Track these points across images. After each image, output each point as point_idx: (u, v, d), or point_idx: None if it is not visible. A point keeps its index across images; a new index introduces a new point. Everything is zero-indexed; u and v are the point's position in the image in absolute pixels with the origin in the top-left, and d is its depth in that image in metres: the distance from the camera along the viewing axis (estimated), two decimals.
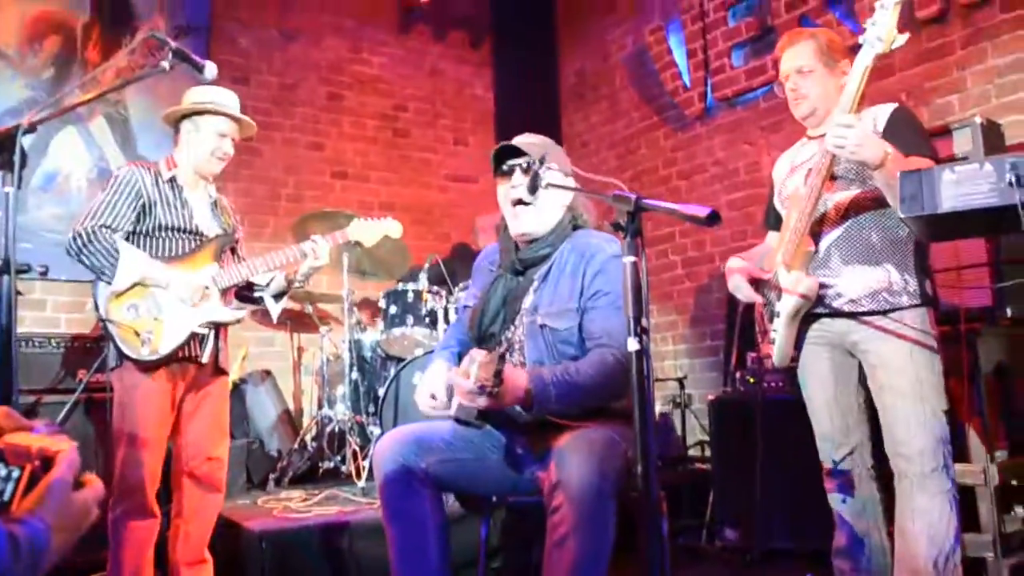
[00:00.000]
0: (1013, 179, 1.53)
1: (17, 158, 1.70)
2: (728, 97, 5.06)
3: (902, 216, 1.77)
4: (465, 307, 2.46)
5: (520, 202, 2.20)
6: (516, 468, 2.21)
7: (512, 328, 2.24)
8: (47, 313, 4.72)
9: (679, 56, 5.37)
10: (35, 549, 0.84)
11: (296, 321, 4.84)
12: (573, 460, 1.88)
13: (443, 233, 6.12)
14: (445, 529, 2.18)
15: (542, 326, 2.17)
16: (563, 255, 2.22)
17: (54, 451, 0.93)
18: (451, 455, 2.20)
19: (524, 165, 2.18)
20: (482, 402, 1.88)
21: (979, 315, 2.96)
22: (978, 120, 3.07)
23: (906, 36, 2.15)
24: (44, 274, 2.08)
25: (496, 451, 2.24)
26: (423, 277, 4.38)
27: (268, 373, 4.83)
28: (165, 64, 2.11)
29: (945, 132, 3.10)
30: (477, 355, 1.87)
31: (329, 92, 5.93)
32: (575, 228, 2.29)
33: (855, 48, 2.23)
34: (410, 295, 4.31)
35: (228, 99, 2.88)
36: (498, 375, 1.81)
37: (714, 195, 5.16)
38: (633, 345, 1.45)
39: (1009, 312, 2.97)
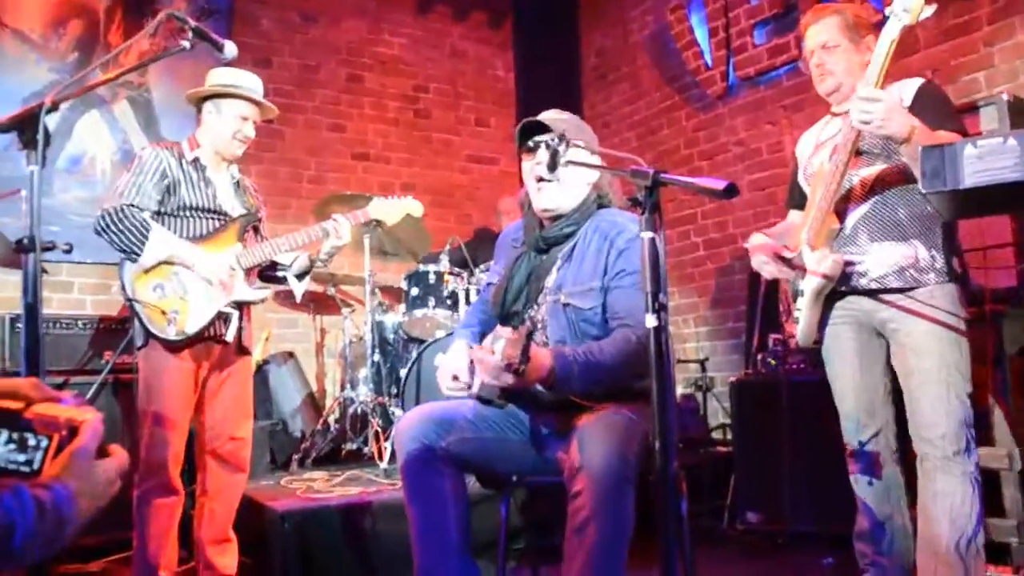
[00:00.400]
0: None
1: (41, 136, 1.71)
2: (750, 76, 5.00)
3: (923, 192, 1.74)
4: (488, 285, 2.45)
5: (543, 179, 2.18)
6: (538, 448, 2.20)
7: (535, 307, 2.23)
8: (74, 295, 4.79)
9: (700, 35, 5.30)
10: (60, 513, 0.86)
11: (319, 303, 4.86)
12: (594, 444, 1.87)
13: (464, 215, 6.12)
14: (466, 509, 2.17)
15: (565, 305, 2.15)
16: (587, 234, 2.20)
17: (80, 421, 0.95)
18: (473, 434, 2.19)
19: (548, 142, 2.14)
20: (507, 380, 1.86)
21: (1004, 296, 2.92)
22: (1005, 97, 3.02)
23: (933, 7, 2.11)
24: (68, 251, 2.09)
25: (518, 431, 2.23)
26: (444, 259, 4.39)
27: (291, 355, 4.86)
28: (185, 43, 2.09)
29: (972, 109, 3.05)
30: (503, 332, 1.86)
31: (350, 74, 5.93)
32: (600, 207, 2.27)
33: (880, 25, 2.19)
34: (431, 277, 4.31)
35: (251, 82, 2.87)
36: (525, 352, 1.80)
37: (736, 175, 5.11)
38: (651, 321, 1.44)
39: None
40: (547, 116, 2.22)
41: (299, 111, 5.68)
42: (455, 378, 2.15)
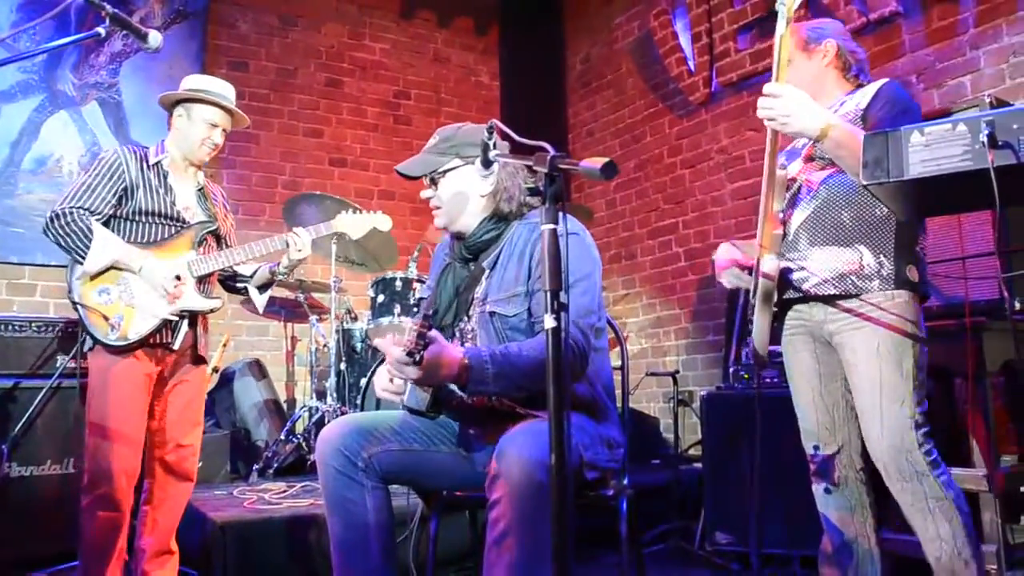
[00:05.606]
0: (986, 138, 1.32)
1: None
2: (733, 82, 4.87)
3: (864, 184, 1.57)
4: (420, 299, 2.36)
5: (434, 205, 2.17)
6: (468, 460, 2.10)
7: (466, 319, 2.15)
8: (36, 298, 4.68)
9: (684, 40, 5.19)
10: None
11: (290, 310, 4.76)
12: (514, 451, 1.74)
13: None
14: (388, 523, 2.06)
15: (491, 313, 2.06)
16: (512, 239, 2.10)
17: None
18: (398, 445, 2.09)
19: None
20: (412, 373, 1.75)
21: (985, 308, 2.76)
22: (987, 99, 2.87)
23: None
24: None
25: (448, 443, 2.13)
26: (412, 265, 4.26)
27: (257, 362, 4.73)
28: (101, 30, 2.02)
29: (948, 115, 2.91)
30: (407, 323, 1.76)
31: (328, 78, 5.83)
32: (506, 214, 2.14)
33: (862, 29, 2.07)
34: (398, 284, 4.18)
35: (223, 89, 2.83)
36: (422, 338, 1.69)
37: (719, 183, 4.98)
38: (550, 322, 1.29)
39: (1018, 305, 2.76)
40: (430, 144, 2.16)
41: (275, 115, 5.57)
42: (391, 382, 2.05)
